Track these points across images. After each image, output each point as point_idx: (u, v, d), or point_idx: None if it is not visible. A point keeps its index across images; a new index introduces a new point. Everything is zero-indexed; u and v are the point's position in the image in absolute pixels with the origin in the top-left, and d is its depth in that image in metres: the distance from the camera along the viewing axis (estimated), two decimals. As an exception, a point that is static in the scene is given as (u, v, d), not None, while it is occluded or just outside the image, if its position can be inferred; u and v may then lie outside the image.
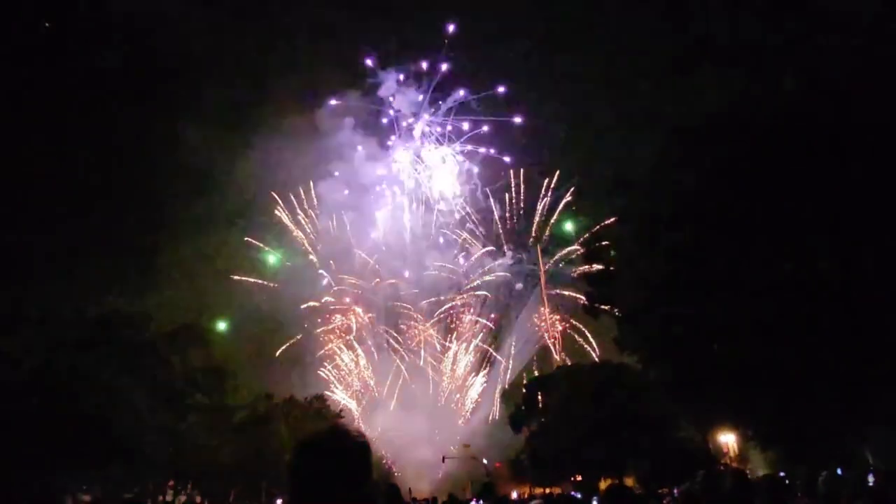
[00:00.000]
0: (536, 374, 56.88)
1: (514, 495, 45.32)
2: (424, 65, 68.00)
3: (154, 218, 59.75)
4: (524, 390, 50.56)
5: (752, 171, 24.37)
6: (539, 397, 47.15)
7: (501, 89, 67.23)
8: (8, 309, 36.04)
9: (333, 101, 67.44)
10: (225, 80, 66.86)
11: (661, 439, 35.45)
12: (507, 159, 69.46)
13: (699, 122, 28.18)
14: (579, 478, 41.86)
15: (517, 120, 67.21)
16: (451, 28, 66.75)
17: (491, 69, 69.10)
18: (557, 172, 68.49)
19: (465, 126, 69.51)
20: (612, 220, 40.84)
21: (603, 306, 47.63)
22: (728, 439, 35.97)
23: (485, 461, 59.63)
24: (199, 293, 58.63)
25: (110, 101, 54.78)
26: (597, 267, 48.86)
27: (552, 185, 68.43)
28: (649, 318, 28.32)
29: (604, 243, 48.33)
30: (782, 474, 20.41)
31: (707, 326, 25.16)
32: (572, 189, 66.68)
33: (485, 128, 69.77)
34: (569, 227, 66.09)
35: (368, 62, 67.69)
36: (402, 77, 69.69)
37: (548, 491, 42.54)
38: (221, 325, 55.26)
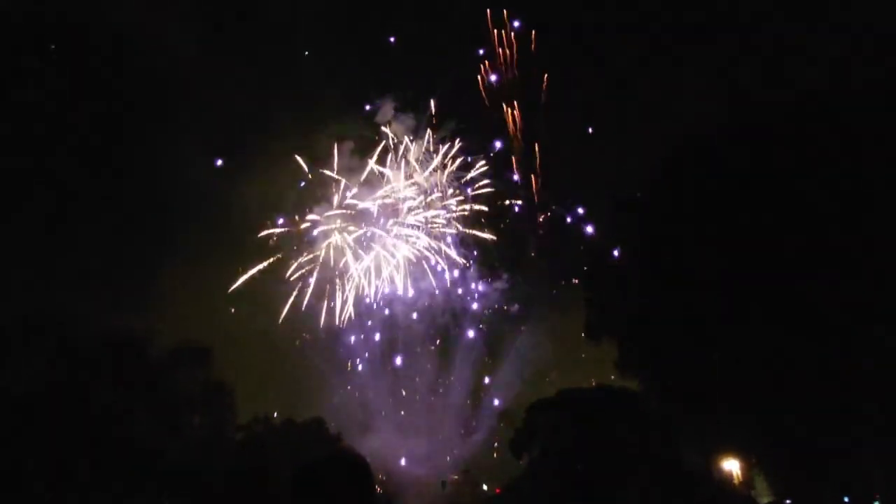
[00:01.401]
0: (536, 397, 56.36)
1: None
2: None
3: (156, 235, 59.91)
4: (524, 415, 50.03)
5: (754, 185, 24.39)
6: (539, 422, 46.59)
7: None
8: (10, 321, 36.06)
9: (331, 126, 68.04)
10: (225, 102, 67.32)
11: (664, 466, 34.88)
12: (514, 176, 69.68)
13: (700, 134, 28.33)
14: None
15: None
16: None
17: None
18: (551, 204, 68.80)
19: (462, 153, 70.01)
20: (614, 242, 40.69)
21: (604, 330, 47.33)
22: (732, 466, 35.44)
23: (485, 487, 58.86)
24: (200, 314, 58.50)
25: (114, 121, 55.30)
26: (597, 291, 48.62)
27: (550, 211, 68.66)
28: (649, 341, 28.11)
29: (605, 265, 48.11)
30: (788, 502, 20.05)
31: (709, 347, 24.93)
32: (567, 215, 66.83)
33: (482, 162, 70.52)
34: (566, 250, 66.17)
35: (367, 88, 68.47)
36: (399, 104, 70.35)
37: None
38: (222, 347, 54.95)
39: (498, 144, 69.60)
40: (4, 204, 45.17)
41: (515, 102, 68.38)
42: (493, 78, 68.78)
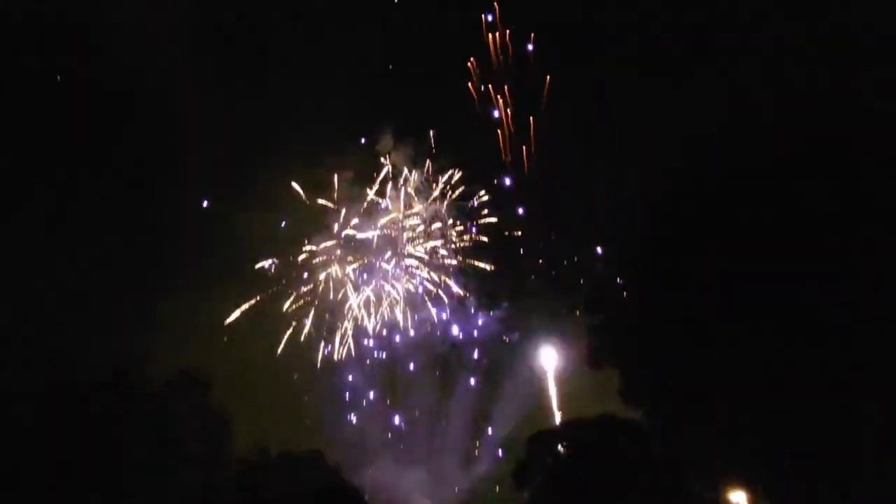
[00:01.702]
0: (538, 428, 56.06)
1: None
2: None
3: (153, 260, 59.66)
4: (527, 445, 49.78)
5: (754, 185, 24.39)
6: (540, 452, 46.37)
7: None
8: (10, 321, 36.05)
9: (330, 156, 68.17)
10: (223, 131, 67.35)
11: (669, 499, 34.64)
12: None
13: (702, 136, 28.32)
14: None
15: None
16: None
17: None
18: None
19: (463, 183, 70.42)
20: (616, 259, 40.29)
21: (606, 355, 46.95)
22: (739, 498, 35.14)
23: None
24: (198, 343, 58.42)
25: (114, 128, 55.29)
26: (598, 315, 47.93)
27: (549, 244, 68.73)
28: (649, 341, 28.10)
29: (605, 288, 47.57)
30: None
31: (709, 347, 24.92)
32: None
33: (483, 193, 70.80)
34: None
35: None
36: (398, 134, 70.52)
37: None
38: (218, 378, 54.90)
39: (506, 180, 69.75)
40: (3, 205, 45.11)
41: (511, 111, 68.54)
42: (495, 114, 68.75)
